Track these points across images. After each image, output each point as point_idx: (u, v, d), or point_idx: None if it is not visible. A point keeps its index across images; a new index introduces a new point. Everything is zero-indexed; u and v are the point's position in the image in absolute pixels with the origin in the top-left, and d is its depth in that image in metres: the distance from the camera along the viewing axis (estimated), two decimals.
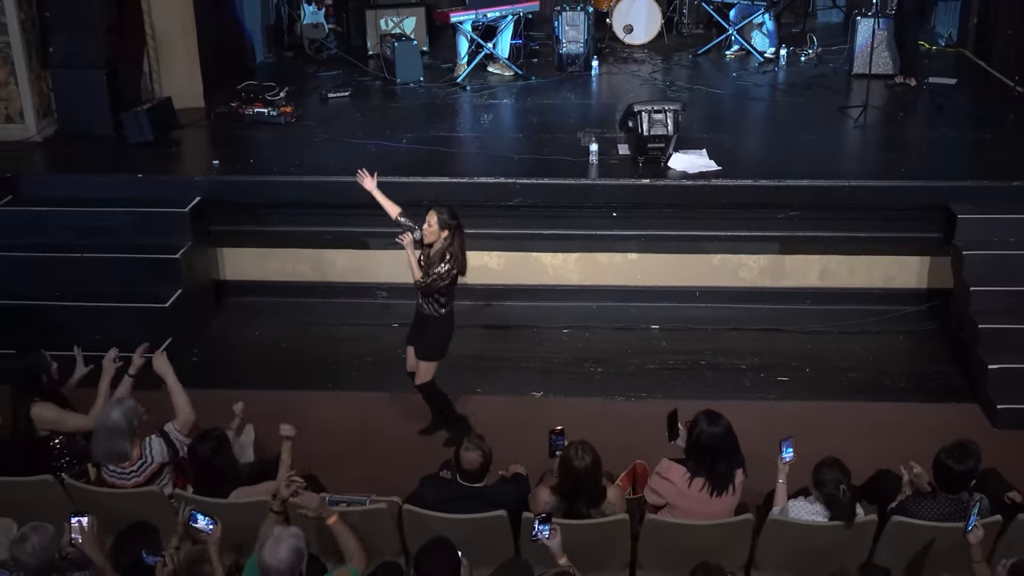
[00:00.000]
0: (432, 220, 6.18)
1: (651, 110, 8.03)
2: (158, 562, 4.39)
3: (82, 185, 8.44)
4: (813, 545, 5.02)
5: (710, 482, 5.06)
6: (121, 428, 5.25)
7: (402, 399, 7.18)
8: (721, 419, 5.12)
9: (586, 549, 4.99)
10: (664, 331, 8.03)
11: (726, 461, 5.11)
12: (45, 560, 4.44)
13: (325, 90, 10.46)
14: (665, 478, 5.16)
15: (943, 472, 4.97)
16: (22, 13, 9.07)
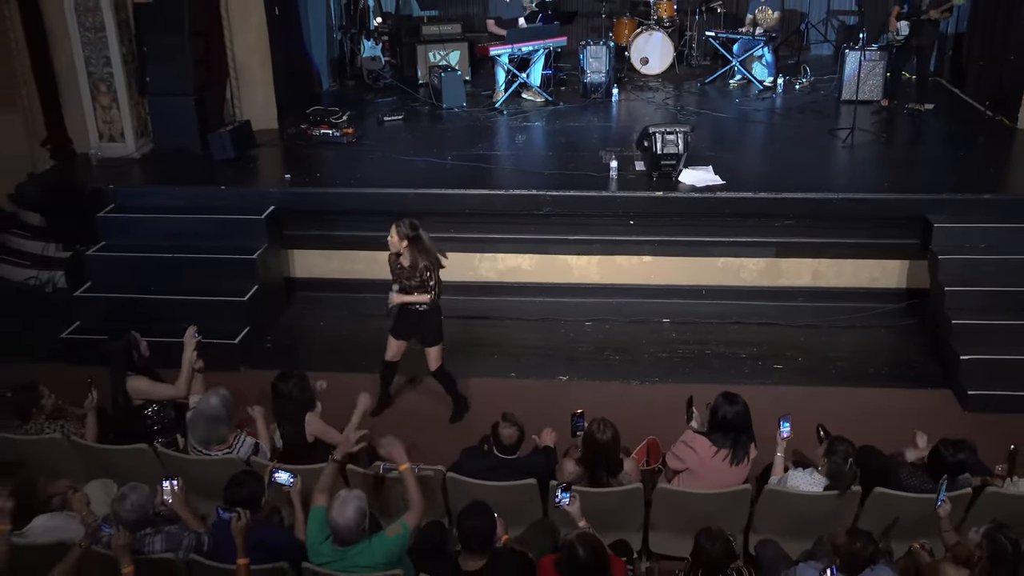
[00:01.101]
0: (393, 232, 6.17)
1: (664, 131, 8.01)
2: (233, 517, 4.43)
3: (173, 195, 8.51)
4: (805, 512, 5.00)
5: (732, 453, 5.06)
6: (220, 415, 5.28)
7: None
8: (738, 399, 5.13)
9: (605, 513, 4.99)
10: (674, 324, 7.99)
11: (745, 435, 5.10)
12: (141, 516, 4.50)
13: (381, 114, 10.49)
14: (690, 446, 5.15)
15: (937, 459, 4.95)
16: (124, 48, 9.18)
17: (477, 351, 7.62)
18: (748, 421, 5.14)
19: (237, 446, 5.35)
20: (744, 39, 11.38)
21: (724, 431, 5.11)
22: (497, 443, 5.16)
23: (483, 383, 7.12)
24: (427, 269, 6.17)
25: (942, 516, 4.62)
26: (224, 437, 5.31)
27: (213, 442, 5.30)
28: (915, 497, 4.89)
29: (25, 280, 9.09)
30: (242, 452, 5.35)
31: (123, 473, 5.28)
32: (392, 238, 6.17)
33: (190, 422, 5.41)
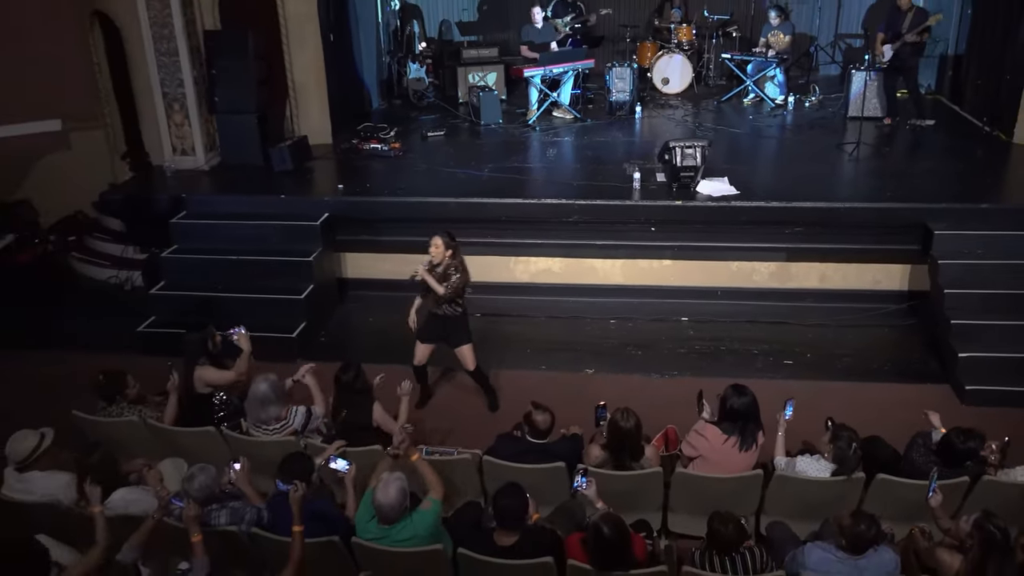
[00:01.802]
0: (439, 242, 6.14)
1: (683, 145, 7.96)
2: (291, 488, 4.46)
3: (238, 203, 8.60)
4: (812, 496, 4.95)
5: (741, 440, 5.02)
6: (270, 397, 5.35)
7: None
8: (747, 390, 5.10)
9: (628, 494, 4.97)
10: (692, 323, 7.93)
11: (753, 423, 5.06)
12: (208, 493, 4.55)
13: (425, 130, 10.52)
14: (702, 435, 5.13)
15: (947, 445, 4.88)
16: (195, 71, 9.30)
17: (511, 345, 7.62)
18: (756, 411, 5.09)
19: (291, 418, 5.43)
20: (758, 60, 11.27)
21: (733, 420, 5.07)
22: (531, 428, 5.15)
23: (516, 375, 7.12)
24: (456, 275, 6.15)
25: (933, 506, 4.56)
26: (276, 414, 5.38)
27: (268, 419, 5.38)
28: (914, 484, 4.81)
29: (106, 279, 9.24)
30: (296, 422, 5.43)
31: (192, 453, 5.35)
32: (437, 248, 6.14)
33: (247, 405, 5.49)
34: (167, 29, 9.04)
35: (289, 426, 5.41)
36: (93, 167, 10.06)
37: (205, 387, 5.83)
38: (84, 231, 9.97)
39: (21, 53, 9.54)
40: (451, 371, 7.12)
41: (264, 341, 7.06)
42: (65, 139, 10.23)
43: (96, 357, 7.15)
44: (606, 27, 12.62)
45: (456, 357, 6.55)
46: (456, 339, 6.44)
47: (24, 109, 9.81)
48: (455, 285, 6.16)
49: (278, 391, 5.41)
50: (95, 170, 10.01)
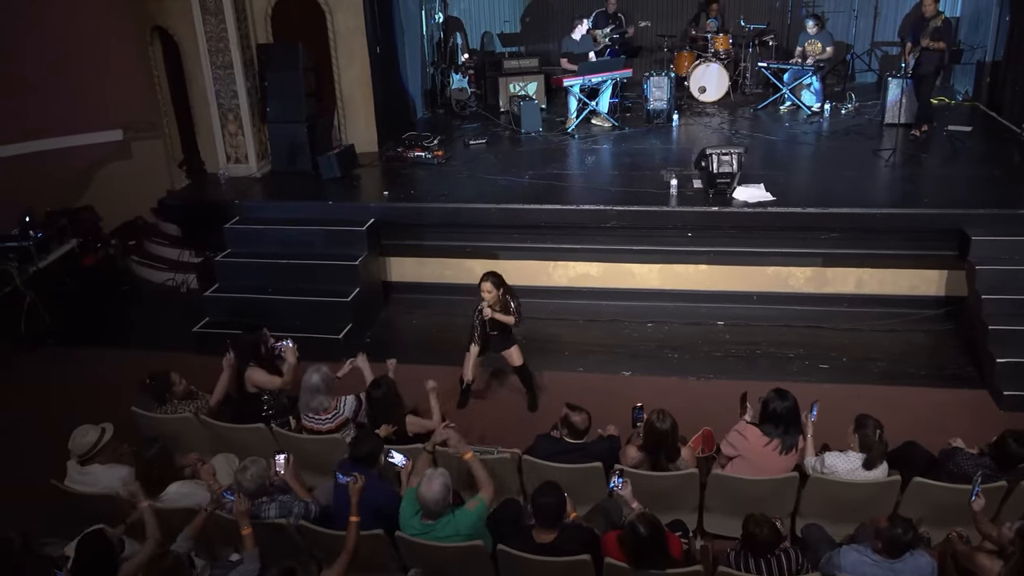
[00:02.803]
0: (489, 287, 6.23)
1: (720, 152, 7.89)
2: (351, 480, 4.48)
3: (288, 209, 8.70)
4: (848, 498, 4.85)
5: (781, 443, 4.95)
6: (320, 387, 5.44)
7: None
8: (788, 395, 5.03)
9: (664, 494, 4.93)
10: (728, 326, 7.84)
11: (794, 427, 4.99)
12: (259, 485, 4.61)
13: (467, 138, 10.55)
14: (743, 435, 5.07)
15: (1002, 447, 4.76)
16: (248, 83, 9.44)
17: (550, 348, 7.60)
18: (797, 416, 5.03)
19: (342, 407, 5.49)
20: (794, 69, 11.12)
21: (774, 423, 5.01)
22: (569, 428, 5.12)
23: (555, 376, 7.10)
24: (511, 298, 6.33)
25: (976, 511, 4.43)
26: (327, 404, 5.46)
27: (318, 409, 5.43)
28: (952, 487, 4.69)
29: (164, 282, 9.41)
30: (347, 410, 5.51)
31: (243, 448, 5.42)
32: (490, 292, 6.22)
33: (300, 395, 5.57)
34: (222, 43, 9.20)
35: (340, 415, 5.48)
36: (152, 175, 10.27)
37: (253, 387, 5.91)
38: (143, 236, 10.18)
39: (86, 67, 9.80)
40: (491, 372, 7.11)
41: (311, 342, 7.15)
42: (126, 148, 10.48)
43: (154, 356, 7.30)
44: (644, 38, 12.57)
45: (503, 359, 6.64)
46: (507, 344, 6.56)
47: (88, 120, 10.08)
48: (519, 310, 6.36)
49: (328, 383, 5.51)
50: (154, 177, 10.23)
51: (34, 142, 9.78)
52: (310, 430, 5.50)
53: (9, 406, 7.00)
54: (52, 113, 9.82)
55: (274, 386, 5.90)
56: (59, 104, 9.81)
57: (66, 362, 7.89)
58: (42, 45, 9.60)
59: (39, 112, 9.74)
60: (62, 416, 5.71)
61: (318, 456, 5.31)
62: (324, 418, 5.46)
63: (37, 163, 9.74)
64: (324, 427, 5.45)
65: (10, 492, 5.65)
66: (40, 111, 9.74)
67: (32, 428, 6.59)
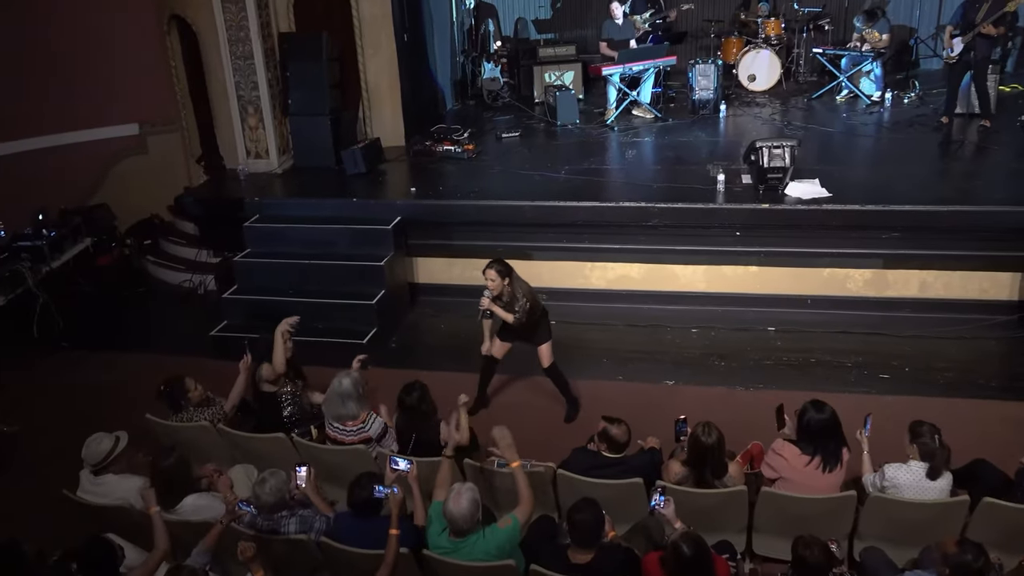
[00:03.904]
0: (493, 275, 6.14)
1: (771, 145, 7.81)
2: (389, 492, 4.48)
3: (311, 207, 8.78)
4: (911, 518, 4.75)
5: (823, 460, 4.87)
6: (351, 393, 5.44)
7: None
8: (825, 407, 4.94)
9: (710, 513, 4.88)
10: (779, 332, 7.76)
11: (834, 441, 4.91)
12: (279, 499, 4.64)
13: (500, 131, 10.57)
14: (779, 454, 5.00)
15: None
16: (269, 74, 9.55)
17: (587, 354, 7.58)
18: (837, 428, 4.93)
19: (369, 423, 5.50)
20: (852, 55, 10.98)
21: (812, 438, 4.92)
22: (607, 441, 5.10)
23: (592, 385, 7.07)
24: (521, 298, 6.20)
25: None
26: (356, 413, 5.45)
27: (346, 417, 5.45)
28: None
29: (180, 283, 9.55)
30: (373, 430, 5.50)
31: (262, 459, 5.47)
32: (494, 281, 6.15)
33: (326, 401, 5.58)
34: (243, 32, 9.31)
35: (365, 431, 5.48)
36: (169, 171, 10.45)
37: (267, 385, 5.98)
38: (159, 235, 10.34)
39: (101, 59, 9.98)
40: (526, 379, 7.11)
41: (334, 347, 7.21)
42: (142, 143, 10.66)
43: (169, 360, 7.39)
44: (689, 23, 12.49)
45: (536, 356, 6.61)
46: (538, 337, 6.49)
47: (103, 114, 10.27)
48: (524, 308, 6.22)
49: (360, 388, 5.50)
50: (170, 174, 10.40)
51: (46, 137, 9.99)
52: (333, 440, 5.53)
53: (21, 412, 7.13)
54: (65, 107, 10.02)
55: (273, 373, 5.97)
56: (72, 98, 10.01)
57: (79, 367, 8.04)
58: (54, 36, 9.80)
59: (51, 106, 9.94)
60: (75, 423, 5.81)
61: (341, 468, 5.33)
62: (350, 428, 5.47)
63: (50, 159, 9.95)
64: (348, 438, 5.47)
65: (23, 501, 5.76)
66: (52, 105, 9.94)
67: (44, 435, 6.71)
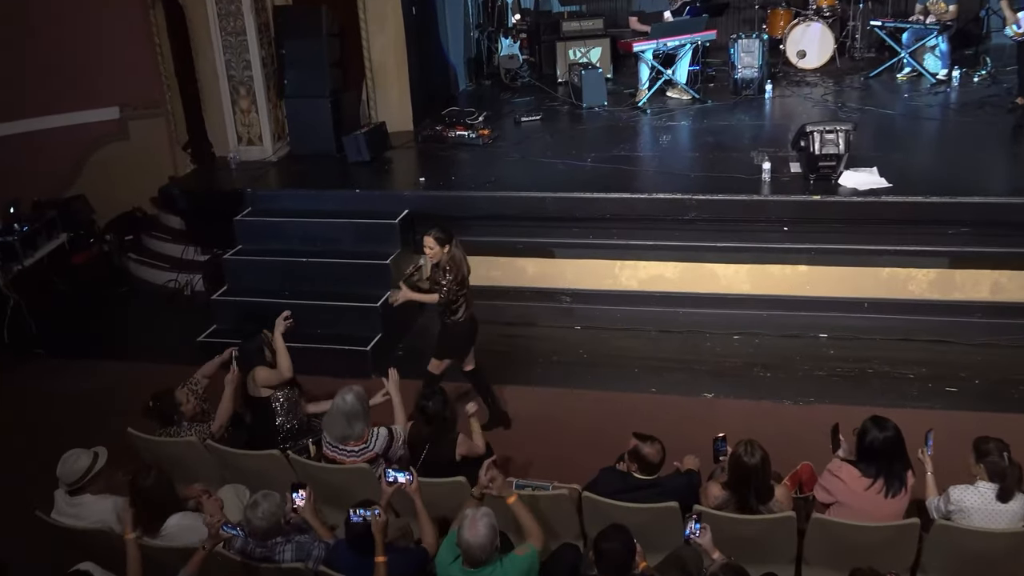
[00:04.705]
0: (430, 242, 6.25)
1: (823, 130, 7.77)
2: (370, 515, 4.48)
3: (308, 199, 8.83)
4: (982, 550, 4.70)
5: (885, 483, 4.84)
6: (357, 411, 5.44)
7: (583, 395, 7.19)
8: (888, 423, 4.90)
9: (754, 542, 4.85)
10: (832, 340, 7.73)
11: (899, 462, 4.87)
12: (272, 524, 4.65)
13: (519, 114, 10.58)
14: (836, 476, 4.95)
15: None
16: (263, 51, 9.61)
17: (616, 364, 7.58)
18: (901, 447, 4.89)
19: (372, 441, 5.50)
20: (915, 28, 10.90)
21: (873, 459, 4.88)
22: (639, 461, 5.08)
23: (622, 398, 7.07)
24: (448, 273, 6.26)
25: None
26: (361, 433, 5.47)
27: (351, 438, 5.46)
28: None
29: (165, 283, 9.63)
30: (377, 446, 5.50)
31: (255, 478, 5.49)
32: (431, 248, 6.27)
33: (327, 420, 5.58)
34: (234, 5, 9.38)
35: (369, 450, 5.48)
36: (152, 159, 10.52)
37: (261, 388, 6.02)
38: (142, 230, 10.42)
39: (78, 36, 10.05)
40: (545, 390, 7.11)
41: (335, 355, 7.25)
42: (123, 128, 10.73)
43: (153, 369, 7.46)
44: None
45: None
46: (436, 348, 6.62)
47: (79, 96, 10.33)
48: (448, 286, 6.27)
49: (365, 405, 5.52)
50: (154, 162, 10.47)
51: (17, 122, 10.08)
52: (332, 460, 5.55)
53: None
54: (38, 89, 10.10)
55: (280, 378, 6.01)
56: (46, 79, 10.08)
57: (53, 375, 8.12)
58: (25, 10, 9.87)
59: (22, 89, 10.02)
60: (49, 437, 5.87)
61: (342, 489, 5.35)
62: (352, 449, 5.46)
63: (21, 147, 10.03)
64: (349, 459, 5.48)
65: None
66: (24, 87, 10.02)
67: (14, 450, 6.78)
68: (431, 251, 6.27)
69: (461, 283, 6.34)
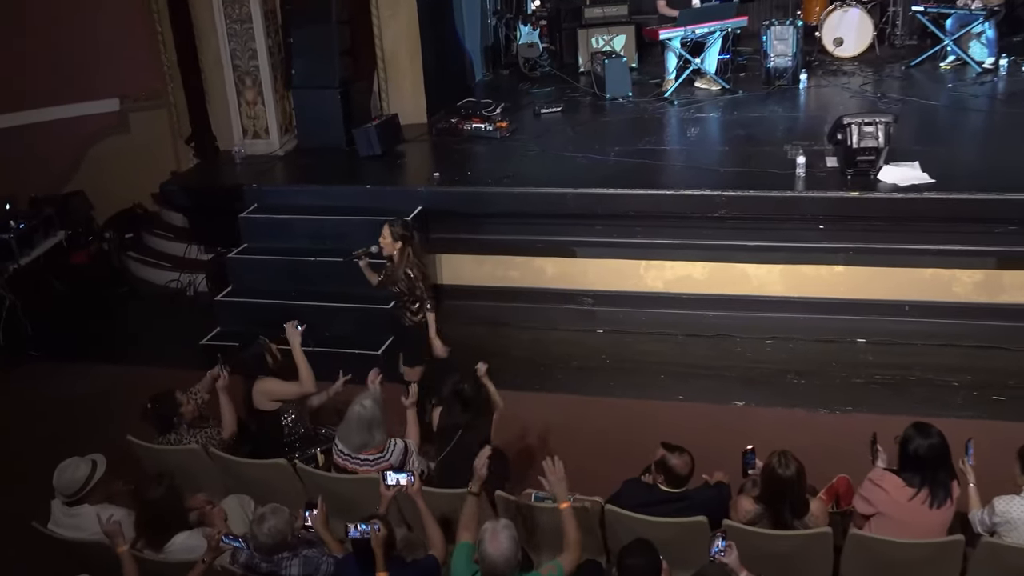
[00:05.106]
0: (385, 232, 6.39)
1: (861, 122, 7.73)
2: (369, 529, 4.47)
3: (317, 194, 8.86)
4: None
5: (931, 493, 4.81)
6: (377, 418, 5.45)
7: (605, 403, 7.19)
8: (932, 429, 4.88)
9: (787, 560, 4.84)
10: (871, 345, 7.71)
11: (944, 471, 4.85)
12: (279, 540, 4.65)
13: (538, 106, 10.59)
14: (879, 486, 4.93)
15: None
16: (270, 40, 9.65)
17: (641, 369, 7.58)
18: (946, 455, 4.88)
19: (388, 452, 5.52)
20: (960, 13, 10.85)
21: (918, 468, 4.86)
22: (666, 473, 5.08)
23: (646, 406, 7.07)
24: (417, 279, 6.40)
25: None
26: (381, 441, 5.48)
27: (369, 447, 5.47)
28: None
29: (166, 283, 9.69)
30: (393, 458, 5.51)
31: (261, 488, 5.52)
32: (385, 239, 6.42)
33: (343, 428, 5.57)
34: None
35: (385, 460, 5.48)
36: (154, 153, 10.58)
37: (270, 402, 6.03)
38: (142, 228, 10.49)
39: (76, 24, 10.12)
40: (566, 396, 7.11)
41: (344, 359, 7.24)
42: (123, 120, 10.81)
43: (154, 372, 7.50)
44: None
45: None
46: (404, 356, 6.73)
47: (77, 88, 10.41)
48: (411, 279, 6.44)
49: (383, 411, 5.53)
50: (156, 157, 10.53)
51: (12, 115, 10.15)
52: (343, 469, 5.56)
53: None
54: (33, 80, 10.18)
55: (294, 393, 6.02)
56: (42, 69, 10.16)
57: (50, 378, 8.19)
58: None
59: (17, 79, 10.09)
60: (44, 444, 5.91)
61: (354, 501, 5.36)
62: (367, 458, 5.47)
63: (17, 140, 10.11)
64: (362, 468, 5.49)
65: None
66: (19, 78, 10.09)
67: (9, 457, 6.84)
68: (384, 241, 6.47)
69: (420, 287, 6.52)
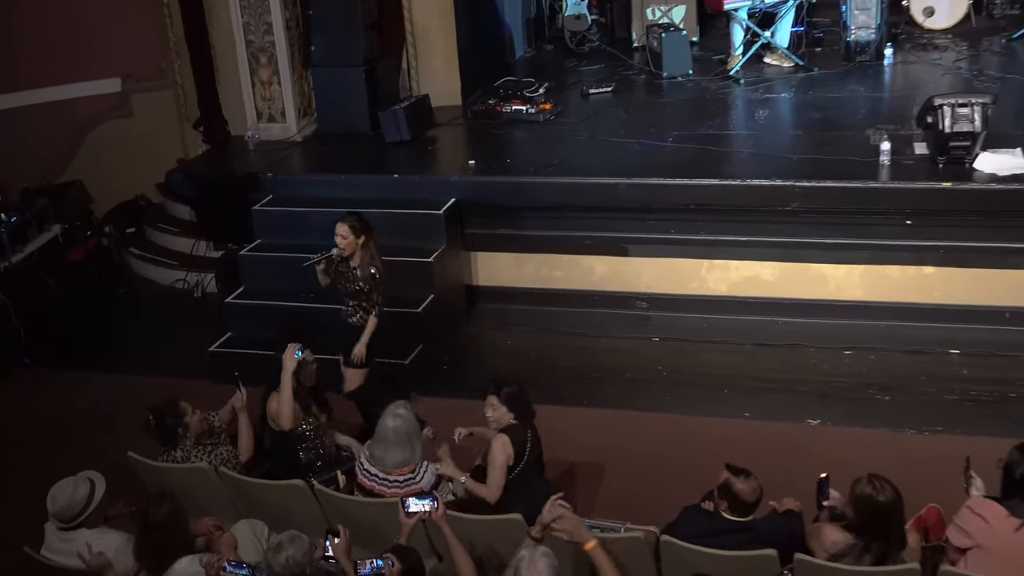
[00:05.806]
0: (344, 231, 6.56)
1: (955, 103, 7.65)
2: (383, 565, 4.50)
3: (338, 185, 8.90)
4: None
5: None
6: (415, 429, 5.53)
7: (661, 419, 7.16)
8: None
9: None
10: (965, 356, 7.63)
11: None
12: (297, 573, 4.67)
13: (586, 85, 10.59)
14: (978, 514, 4.87)
15: None
16: (287, 12, 9.71)
17: (703, 383, 7.56)
18: None
19: (419, 473, 5.54)
20: None
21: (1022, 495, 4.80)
22: (730, 499, 5.05)
23: (709, 424, 7.04)
24: (374, 278, 6.57)
25: None
26: (414, 460, 5.51)
27: (402, 465, 5.50)
28: None
29: (172, 283, 9.78)
30: (424, 481, 5.53)
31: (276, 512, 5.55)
32: (344, 238, 6.60)
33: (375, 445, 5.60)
34: None
35: (415, 482, 5.51)
36: (158, 139, 10.70)
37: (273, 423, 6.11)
38: (146, 221, 10.60)
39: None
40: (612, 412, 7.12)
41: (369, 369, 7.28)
42: (125, 103, 10.95)
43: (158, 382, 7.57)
44: None
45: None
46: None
47: (74, 66, 10.54)
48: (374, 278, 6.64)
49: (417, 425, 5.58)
50: (161, 143, 10.64)
51: (2, 96, 10.29)
52: (368, 491, 5.58)
53: None
54: (26, 58, 10.32)
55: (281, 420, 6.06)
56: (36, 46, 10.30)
57: (43, 388, 8.30)
58: None
59: (9, 56, 10.25)
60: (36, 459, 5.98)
61: (377, 528, 5.38)
62: (396, 479, 5.50)
63: (8, 124, 10.26)
64: (390, 491, 5.51)
65: None
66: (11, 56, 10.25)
67: None
68: (344, 240, 6.60)
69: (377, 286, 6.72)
